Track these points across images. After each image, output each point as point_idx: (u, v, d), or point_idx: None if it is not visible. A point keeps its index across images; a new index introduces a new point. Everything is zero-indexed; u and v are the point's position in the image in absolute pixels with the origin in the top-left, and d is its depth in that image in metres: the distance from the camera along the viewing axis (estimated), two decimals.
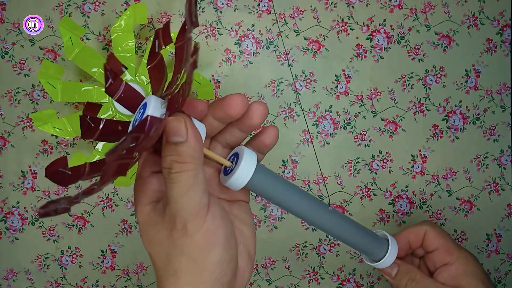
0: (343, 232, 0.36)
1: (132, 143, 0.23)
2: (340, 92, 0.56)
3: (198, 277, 0.27)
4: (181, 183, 0.26)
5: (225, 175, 0.31)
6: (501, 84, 0.56)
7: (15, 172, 0.57)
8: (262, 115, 0.30)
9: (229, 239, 0.28)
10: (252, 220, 0.33)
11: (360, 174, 0.57)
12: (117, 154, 0.22)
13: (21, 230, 0.57)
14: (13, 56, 0.56)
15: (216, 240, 0.27)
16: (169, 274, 0.28)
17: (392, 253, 0.39)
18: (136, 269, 0.58)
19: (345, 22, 0.56)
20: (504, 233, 0.57)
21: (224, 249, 0.28)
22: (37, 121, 0.50)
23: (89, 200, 0.57)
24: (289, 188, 0.33)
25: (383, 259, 0.39)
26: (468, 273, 0.39)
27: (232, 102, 0.28)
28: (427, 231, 0.41)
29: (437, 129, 0.57)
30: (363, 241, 0.38)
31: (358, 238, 0.38)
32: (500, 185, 0.57)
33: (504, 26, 0.56)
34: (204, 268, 0.27)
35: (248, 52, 0.56)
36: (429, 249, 0.41)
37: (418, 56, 0.56)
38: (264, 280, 0.58)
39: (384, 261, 0.39)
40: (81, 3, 0.55)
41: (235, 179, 0.29)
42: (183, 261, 0.27)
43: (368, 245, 0.38)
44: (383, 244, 0.40)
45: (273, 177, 0.32)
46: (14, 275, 0.58)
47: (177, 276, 0.27)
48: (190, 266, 0.27)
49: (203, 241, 0.27)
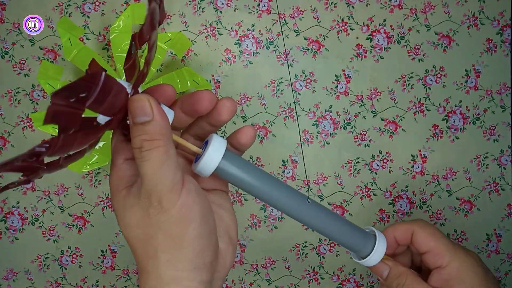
0: (324, 224, 0.35)
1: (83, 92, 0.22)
2: (340, 92, 0.56)
3: (177, 255, 0.27)
4: (153, 160, 0.26)
5: (195, 162, 0.31)
6: (501, 84, 0.56)
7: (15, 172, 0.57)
8: (230, 111, 0.30)
9: (206, 215, 0.28)
10: (232, 207, 0.33)
11: (360, 174, 0.57)
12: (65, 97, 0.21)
13: (21, 230, 0.57)
14: (13, 56, 0.56)
15: (193, 215, 0.27)
16: (149, 257, 0.28)
17: (379, 250, 0.37)
18: (136, 269, 0.58)
19: (345, 22, 0.56)
20: (504, 233, 0.57)
21: (201, 223, 0.28)
22: (37, 121, 0.50)
23: (89, 200, 0.57)
24: (262, 176, 0.32)
25: (369, 256, 0.37)
26: (462, 278, 0.36)
27: (200, 97, 0.29)
28: (415, 231, 0.39)
29: (437, 129, 0.57)
30: (347, 236, 0.36)
31: (341, 231, 0.36)
32: (500, 185, 0.57)
33: (504, 26, 0.56)
34: (182, 244, 0.27)
35: (248, 52, 0.56)
36: (420, 250, 0.39)
37: (418, 56, 0.56)
38: (264, 280, 0.58)
39: (370, 258, 0.37)
40: (81, 3, 0.55)
41: (203, 164, 0.30)
42: (161, 238, 0.27)
43: (353, 239, 0.37)
44: (370, 240, 0.38)
45: (244, 164, 0.31)
46: (14, 275, 0.58)
47: (156, 256, 0.27)
48: (168, 243, 0.27)
49: (179, 215, 0.27)
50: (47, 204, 0.57)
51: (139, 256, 0.28)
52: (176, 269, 0.27)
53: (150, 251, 0.28)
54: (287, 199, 0.33)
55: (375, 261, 0.38)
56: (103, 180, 0.57)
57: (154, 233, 0.27)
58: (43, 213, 0.57)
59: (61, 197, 0.57)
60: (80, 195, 0.57)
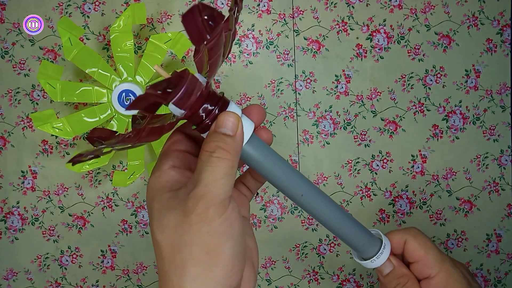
0: (336, 219, 0.35)
1: (168, 88, 0.25)
2: (340, 92, 0.56)
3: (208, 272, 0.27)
4: (218, 168, 0.27)
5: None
6: (501, 84, 0.56)
7: (15, 172, 0.57)
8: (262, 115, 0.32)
9: (242, 235, 0.29)
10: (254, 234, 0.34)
11: (360, 174, 0.57)
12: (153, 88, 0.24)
13: (21, 230, 0.57)
14: (13, 56, 0.56)
15: (232, 232, 0.27)
16: (176, 266, 0.27)
17: (385, 253, 0.38)
18: (136, 269, 0.58)
19: (345, 22, 0.56)
20: (504, 233, 0.57)
21: (238, 243, 0.28)
22: (37, 121, 0.50)
23: (89, 200, 0.57)
24: (283, 165, 0.32)
25: (374, 258, 0.37)
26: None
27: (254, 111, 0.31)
28: (407, 240, 0.39)
29: (437, 129, 0.57)
30: (357, 234, 0.36)
31: (352, 230, 0.36)
32: (500, 185, 0.57)
33: (504, 26, 0.56)
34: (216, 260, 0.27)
35: (248, 52, 0.56)
36: (410, 260, 0.40)
37: (418, 56, 0.56)
38: (264, 280, 0.58)
39: (375, 260, 0.38)
40: (81, 3, 0.55)
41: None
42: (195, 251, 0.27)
43: (362, 239, 0.37)
44: (376, 242, 0.38)
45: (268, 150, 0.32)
46: (14, 275, 0.58)
47: (185, 268, 0.27)
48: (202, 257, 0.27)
49: (220, 229, 0.27)
50: (47, 204, 0.57)
51: (165, 264, 0.28)
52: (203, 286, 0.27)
53: (179, 261, 0.27)
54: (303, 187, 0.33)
55: (378, 263, 0.38)
56: (103, 180, 0.57)
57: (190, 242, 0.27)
58: (43, 213, 0.57)
59: (61, 197, 0.57)
60: (80, 195, 0.57)
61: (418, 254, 0.39)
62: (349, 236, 0.37)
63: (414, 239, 0.39)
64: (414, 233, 0.40)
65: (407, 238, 0.39)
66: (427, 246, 0.39)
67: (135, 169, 0.52)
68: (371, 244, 0.38)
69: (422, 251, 0.39)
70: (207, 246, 0.27)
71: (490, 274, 0.57)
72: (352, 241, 0.37)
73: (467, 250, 0.57)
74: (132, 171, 0.52)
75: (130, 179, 0.52)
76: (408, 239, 0.39)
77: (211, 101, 0.29)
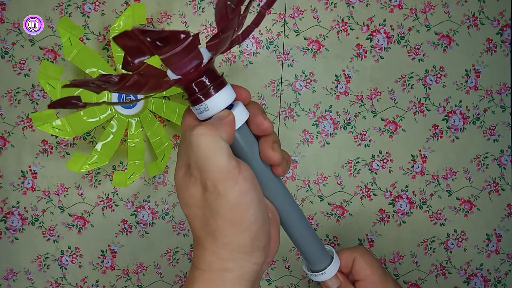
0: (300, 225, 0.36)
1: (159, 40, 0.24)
2: (340, 92, 0.56)
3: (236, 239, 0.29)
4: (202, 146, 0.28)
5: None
6: (501, 84, 0.56)
7: (15, 172, 0.57)
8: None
9: (261, 201, 0.30)
10: None
11: (360, 174, 0.57)
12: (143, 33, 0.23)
13: (21, 230, 0.57)
14: (13, 56, 0.56)
15: (250, 200, 0.29)
16: (208, 234, 0.29)
17: (334, 268, 0.40)
18: (136, 269, 0.58)
19: (345, 22, 0.56)
20: (504, 233, 0.57)
21: (258, 209, 0.29)
22: (37, 121, 0.50)
23: (89, 200, 0.57)
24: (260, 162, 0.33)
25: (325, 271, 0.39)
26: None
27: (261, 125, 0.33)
28: (355, 258, 0.42)
29: (437, 129, 0.57)
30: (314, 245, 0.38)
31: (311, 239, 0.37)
32: (500, 185, 0.57)
33: (504, 26, 0.56)
34: (241, 228, 0.29)
35: (248, 52, 0.56)
36: (357, 278, 0.42)
37: (418, 56, 0.56)
38: (264, 280, 0.58)
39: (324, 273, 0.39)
40: (81, 3, 0.55)
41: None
42: (220, 222, 0.28)
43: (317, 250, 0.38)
44: (328, 256, 0.40)
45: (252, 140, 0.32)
46: (14, 275, 0.58)
47: (215, 236, 0.29)
48: (227, 228, 0.28)
49: (237, 201, 0.28)
50: (47, 204, 0.57)
51: (197, 232, 0.30)
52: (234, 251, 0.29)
53: (210, 231, 0.29)
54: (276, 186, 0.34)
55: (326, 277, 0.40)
56: (103, 180, 0.57)
57: (213, 216, 0.29)
58: (43, 213, 0.57)
59: (61, 197, 0.57)
60: (80, 195, 0.57)
61: (365, 273, 0.41)
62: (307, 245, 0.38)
63: (362, 258, 0.42)
64: (362, 251, 0.42)
65: (356, 256, 0.42)
66: (374, 266, 0.42)
67: (135, 169, 0.52)
68: (323, 258, 0.40)
69: (369, 270, 0.41)
70: (229, 218, 0.28)
71: (490, 274, 0.57)
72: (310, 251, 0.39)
73: (467, 250, 0.57)
74: (132, 171, 0.52)
75: (130, 179, 0.52)
76: (356, 257, 0.42)
77: (209, 77, 0.29)
